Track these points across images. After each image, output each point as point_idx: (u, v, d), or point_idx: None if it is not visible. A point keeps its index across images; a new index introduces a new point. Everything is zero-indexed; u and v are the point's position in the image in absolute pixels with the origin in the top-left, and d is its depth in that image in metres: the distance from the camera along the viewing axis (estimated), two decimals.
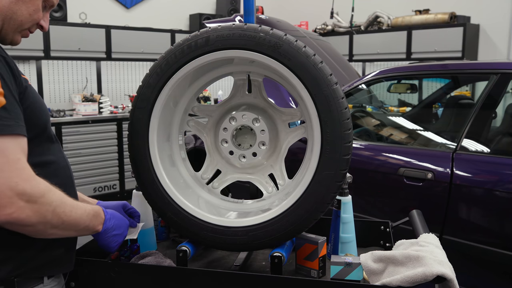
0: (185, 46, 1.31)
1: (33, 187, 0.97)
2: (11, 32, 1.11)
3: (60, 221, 1.04)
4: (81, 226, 1.11)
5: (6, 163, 0.94)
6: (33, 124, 1.07)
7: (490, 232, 2.25)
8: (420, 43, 5.55)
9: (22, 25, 1.11)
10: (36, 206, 0.97)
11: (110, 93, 6.04)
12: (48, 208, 1.00)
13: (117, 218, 1.24)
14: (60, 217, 1.03)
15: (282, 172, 1.43)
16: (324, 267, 1.37)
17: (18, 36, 1.13)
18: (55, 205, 1.01)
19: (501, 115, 3.13)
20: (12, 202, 0.94)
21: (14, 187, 0.94)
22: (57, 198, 1.03)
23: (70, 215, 1.06)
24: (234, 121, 1.41)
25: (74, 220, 1.07)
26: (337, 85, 1.24)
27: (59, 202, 1.03)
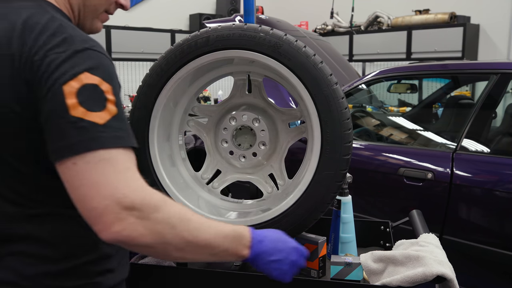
0: (185, 46, 1.31)
1: (144, 199, 0.82)
2: (88, 19, 1.03)
3: (184, 242, 0.86)
4: (216, 250, 0.90)
5: (113, 172, 0.81)
6: None
7: (490, 232, 2.25)
8: (420, 43, 5.55)
9: (97, 9, 1.02)
10: (150, 223, 0.82)
11: None
12: (164, 226, 0.83)
13: (274, 239, 0.99)
14: (184, 237, 0.85)
15: (282, 172, 1.43)
16: (324, 267, 1.37)
17: (97, 22, 1.06)
18: (174, 222, 0.85)
19: (501, 115, 3.13)
20: (120, 218, 0.80)
21: (122, 199, 0.80)
22: (176, 213, 0.86)
23: (197, 235, 0.87)
24: (234, 121, 1.41)
25: (204, 242, 0.88)
26: (337, 85, 1.24)
27: (179, 218, 0.86)
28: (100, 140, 0.82)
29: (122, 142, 0.84)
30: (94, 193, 0.80)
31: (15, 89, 0.85)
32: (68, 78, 0.82)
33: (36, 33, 0.86)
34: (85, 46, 0.86)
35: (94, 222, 0.82)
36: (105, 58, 0.89)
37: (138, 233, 0.81)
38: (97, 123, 0.82)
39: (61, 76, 0.82)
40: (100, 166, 0.81)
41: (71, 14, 1.00)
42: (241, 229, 0.95)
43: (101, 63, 0.87)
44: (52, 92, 0.82)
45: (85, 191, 0.81)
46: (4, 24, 0.89)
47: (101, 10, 1.04)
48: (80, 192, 0.82)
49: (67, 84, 0.82)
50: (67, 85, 0.82)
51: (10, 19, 0.89)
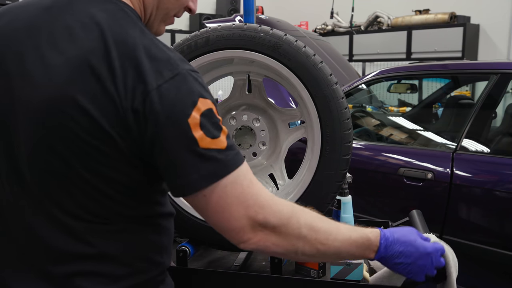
0: (185, 46, 1.31)
1: (275, 214, 0.85)
2: (157, 22, 0.98)
3: (314, 250, 0.89)
4: (344, 255, 0.96)
5: (241, 192, 0.83)
6: None
7: (490, 232, 2.25)
8: (420, 43, 5.55)
9: (169, 13, 0.98)
10: (282, 235, 0.86)
11: None
12: (295, 236, 0.87)
13: (405, 243, 0.97)
14: (314, 246, 0.89)
15: (282, 172, 1.43)
16: (324, 267, 1.37)
17: (163, 25, 1.01)
18: (304, 233, 0.87)
19: (501, 115, 3.13)
20: (256, 233, 0.85)
21: (255, 217, 0.84)
22: (307, 223, 0.88)
23: (327, 243, 0.89)
24: (234, 121, 1.41)
25: (334, 250, 0.91)
26: (337, 85, 1.24)
27: (309, 229, 0.88)
28: (229, 164, 0.83)
29: (240, 159, 0.86)
30: (229, 217, 0.83)
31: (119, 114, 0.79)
32: (190, 109, 0.80)
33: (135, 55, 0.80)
34: (187, 67, 0.84)
35: (234, 239, 0.86)
36: (200, 76, 0.87)
37: (272, 243, 0.86)
38: (221, 148, 0.82)
39: (184, 109, 0.80)
40: (229, 189, 0.82)
41: (142, 15, 0.95)
42: (370, 234, 0.95)
43: (203, 83, 0.86)
44: (177, 127, 0.79)
45: (220, 217, 0.84)
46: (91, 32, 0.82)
47: (172, 14, 1.00)
48: (216, 218, 0.85)
49: (191, 117, 0.80)
50: (191, 118, 0.80)
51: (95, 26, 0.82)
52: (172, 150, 0.81)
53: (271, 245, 0.86)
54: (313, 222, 0.90)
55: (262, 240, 0.85)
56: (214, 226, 0.87)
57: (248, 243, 0.86)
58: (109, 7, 0.86)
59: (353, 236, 0.93)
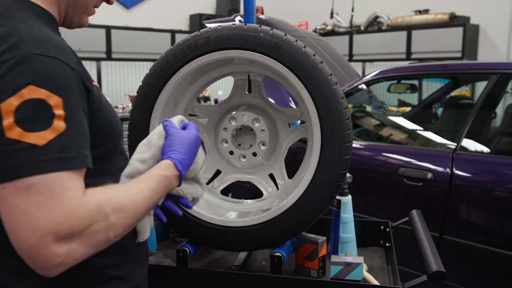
0: (185, 46, 1.31)
1: (81, 218, 0.74)
2: (77, 16, 0.99)
3: (126, 227, 0.83)
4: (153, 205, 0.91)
5: (49, 198, 0.72)
6: (104, 138, 0.93)
7: (490, 232, 2.25)
8: (420, 43, 5.55)
9: (88, 6, 0.99)
10: (90, 238, 0.76)
11: (110, 93, 6.05)
12: (105, 230, 0.78)
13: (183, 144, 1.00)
14: (125, 224, 0.82)
15: (282, 172, 1.43)
16: (324, 267, 1.37)
17: (85, 17, 1.01)
18: (113, 221, 0.79)
19: (501, 115, 3.13)
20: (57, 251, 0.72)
21: (57, 229, 0.72)
22: (114, 208, 0.80)
23: (135, 212, 0.84)
24: (234, 121, 1.41)
25: (144, 211, 0.87)
26: (337, 85, 1.24)
27: (117, 212, 0.80)
28: (37, 165, 0.72)
29: (66, 165, 0.75)
30: (25, 224, 0.71)
31: None
32: (9, 94, 0.73)
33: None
34: (35, 52, 0.76)
35: (28, 258, 0.72)
36: (61, 65, 0.79)
37: (79, 253, 0.75)
38: (36, 144, 0.73)
39: (2, 92, 0.73)
40: (33, 192, 0.72)
41: (55, 11, 0.94)
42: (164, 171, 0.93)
43: (53, 72, 0.77)
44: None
45: (16, 221, 0.72)
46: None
47: (92, 5, 1.00)
48: (10, 222, 0.73)
49: (5, 102, 0.73)
50: (5, 103, 0.73)
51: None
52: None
53: (80, 256, 0.76)
54: (118, 202, 0.81)
55: (69, 255, 0.73)
56: (10, 236, 0.73)
57: (48, 268, 0.73)
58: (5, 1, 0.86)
59: (154, 186, 0.90)
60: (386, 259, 1.50)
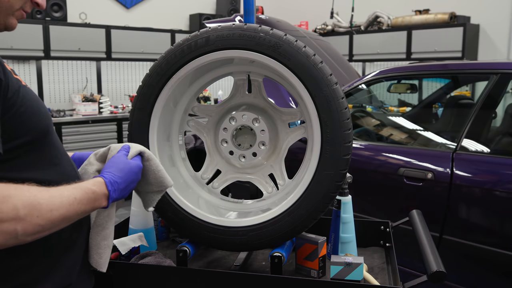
0: (185, 46, 1.31)
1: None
2: (2, 16, 0.95)
3: (38, 227, 0.83)
4: (74, 217, 0.91)
5: None
6: (29, 130, 0.93)
7: (490, 232, 2.25)
8: (420, 43, 5.55)
9: (12, 7, 0.95)
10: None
11: (110, 93, 6.05)
12: (11, 223, 0.78)
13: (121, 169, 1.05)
14: (37, 223, 0.83)
15: (282, 172, 1.43)
16: (324, 267, 1.37)
17: (11, 19, 0.97)
18: (24, 214, 0.80)
19: (501, 115, 3.13)
20: None
21: None
22: (26, 204, 0.81)
23: (51, 215, 0.85)
24: (234, 121, 1.41)
25: (61, 217, 0.87)
26: (337, 85, 1.24)
27: (29, 208, 0.81)
28: None
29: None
30: None
31: None
32: None
33: None
34: None
35: None
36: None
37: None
38: None
39: None
40: None
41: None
42: (94, 186, 0.97)
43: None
44: None
45: None
46: None
47: (17, 8, 0.97)
48: None
49: None
50: None
51: None
52: None
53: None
54: (33, 199, 0.82)
55: None
56: None
57: None
58: None
59: (78, 196, 0.91)
60: (386, 259, 1.50)
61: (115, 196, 1.01)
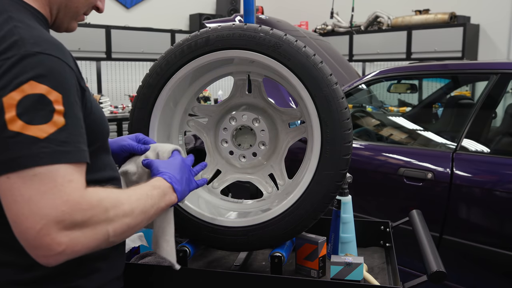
0: (185, 46, 1.31)
1: (86, 209, 0.78)
2: (66, 20, 1.01)
3: (125, 227, 0.86)
4: (153, 214, 0.95)
5: (52, 188, 0.75)
6: (99, 135, 0.97)
7: (490, 232, 2.25)
8: (420, 43, 5.55)
9: (78, 12, 1.01)
10: (90, 231, 0.79)
11: (110, 93, 6.05)
12: (104, 225, 0.81)
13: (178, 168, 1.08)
14: (125, 224, 0.86)
15: (282, 172, 1.43)
16: (324, 267, 1.37)
17: (74, 22, 1.03)
18: (111, 216, 0.83)
19: (501, 115, 3.13)
20: (60, 239, 0.75)
21: (60, 218, 0.75)
22: (112, 205, 0.84)
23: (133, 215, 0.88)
24: (234, 121, 1.41)
25: (141, 215, 0.90)
26: (337, 85, 1.24)
27: (115, 209, 0.84)
28: (39, 156, 0.75)
29: (66, 158, 0.78)
30: (29, 212, 0.74)
31: None
32: (10, 89, 0.76)
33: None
34: (35, 50, 0.80)
35: (30, 245, 0.75)
36: (60, 63, 0.82)
37: (81, 245, 0.78)
38: (37, 137, 0.76)
39: (4, 87, 0.77)
40: (37, 182, 0.75)
41: (47, 12, 0.97)
42: (156, 182, 1.01)
43: (53, 69, 0.80)
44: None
45: (20, 210, 0.74)
46: None
47: (81, 12, 1.03)
48: (13, 211, 0.75)
49: (8, 96, 0.76)
50: (7, 97, 0.76)
51: None
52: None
53: (80, 247, 0.78)
54: (118, 200, 0.86)
55: (69, 247, 0.76)
56: (12, 224, 0.76)
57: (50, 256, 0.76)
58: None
59: (148, 193, 0.95)
60: (386, 259, 1.50)
61: (179, 188, 1.04)
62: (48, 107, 0.78)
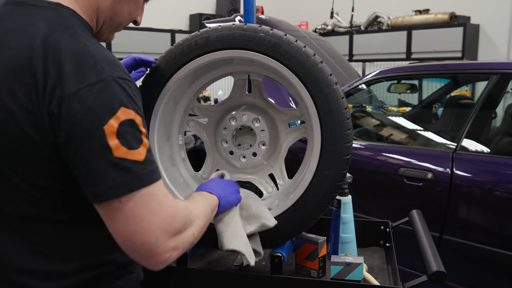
0: (185, 46, 1.31)
1: (181, 220, 0.90)
2: (108, 31, 1.04)
3: (201, 229, 1.00)
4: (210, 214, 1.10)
5: (157, 204, 0.85)
6: None
7: (490, 232, 2.25)
8: (420, 43, 5.55)
9: (121, 25, 1.05)
10: (185, 234, 0.91)
11: None
12: (191, 228, 0.94)
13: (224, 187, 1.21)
14: (200, 226, 0.99)
15: (282, 172, 1.43)
16: (324, 267, 1.37)
17: (113, 34, 1.08)
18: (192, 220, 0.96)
19: (501, 115, 3.13)
20: (169, 246, 0.86)
21: (168, 228, 0.86)
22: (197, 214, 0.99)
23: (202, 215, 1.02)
24: (234, 121, 1.41)
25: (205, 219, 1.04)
26: (337, 85, 1.24)
27: (195, 213, 0.98)
28: (141, 178, 0.83)
29: (156, 176, 0.86)
30: (144, 228, 0.83)
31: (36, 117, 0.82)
32: (108, 117, 0.80)
33: (60, 59, 0.82)
34: (116, 75, 0.84)
35: (146, 256, 0.85)
36: (134, 86, 0.88)
37: (183, 246, 0.90)
38: (138, 160, 0.82)
39: (102, 115, 0.80)
40: (145, 201, 0.83)
41: (94, 24, 0.99)
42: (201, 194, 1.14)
43: (132, 93, 0.86)
44: (91, 132, 0.80)
45: (134, 228, 0.83)
46: (22, 40, 0.84)
47: (123, 26, 1.07)
48: (127, 229, 0.83)
49: (108, 124, 0.80)
50: (107, 125, 0.80)
51: (28, 34, 0.85)
52: (86, 157, 0.81)
53: (181, 251, 0.90)
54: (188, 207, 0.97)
55: (176, 252, 0.88)
56: (124, 240, 0.84)
57: (163, 260, 0.85)
58: (49, 14, 0.88)
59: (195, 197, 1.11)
60: (386, 259, 1.50)
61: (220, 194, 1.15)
62: (138, 131, 0.84)
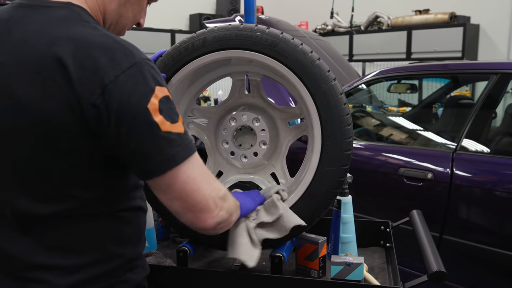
0: (182, 48, 1.31)
1: (222, 187, 0.99)
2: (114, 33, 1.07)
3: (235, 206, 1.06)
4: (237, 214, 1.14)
5: (204, 171, 0.93)
6: None
7: (490, 232, 2.25)
8: (420, 43, 5.55)
9: (125, 28, 1.08)
10: (227, 203, 0.99)
11: None
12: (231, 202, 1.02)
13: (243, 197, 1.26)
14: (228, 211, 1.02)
15: (284, 171, 1.43)
16: (325, 267, 1.37)
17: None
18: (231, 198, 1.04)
19: (501, 115, 3.13)
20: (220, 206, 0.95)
21: (218, 191, 0.95)
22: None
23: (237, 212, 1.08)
24: (234, 121, 1.41)
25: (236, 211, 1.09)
26: (335, 81, 1.24)
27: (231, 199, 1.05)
28: (190, 147, 0.90)
29: (194, 147, 0.93)
30: (201, 187, 0.90)
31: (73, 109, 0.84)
32: (149, 96, 0.85)
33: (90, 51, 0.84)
34: (143, 56, 0.88)
35: (201, 211, 0.91)
36: (154, 64, 0.92)
37: (227, 213, 0.97)
38: (181, 132, 0.89)
39: (143, 95, 0.85)
40: (196, 166, 0.91)
41: (101, 24, 1.01)
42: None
43: (158, 71, 0.91)
44: (138, 114, 0.84)
45: (191, 187, 0.89)
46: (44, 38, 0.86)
47: (127, 28, 1.09)
48: (186, 191, 0.89)
49: (150, 102, 0.85)
50: (150, 103, 0.85)
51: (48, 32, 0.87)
52: (138, 137, 0.85)
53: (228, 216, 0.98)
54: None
55: (224, 212, 0.95)
56: (182, 204, 0.90)
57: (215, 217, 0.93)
58: (63, 13, 0.91)
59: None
60: (387, 259, 1.50)
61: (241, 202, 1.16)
62: (173, 105, 0.90)
